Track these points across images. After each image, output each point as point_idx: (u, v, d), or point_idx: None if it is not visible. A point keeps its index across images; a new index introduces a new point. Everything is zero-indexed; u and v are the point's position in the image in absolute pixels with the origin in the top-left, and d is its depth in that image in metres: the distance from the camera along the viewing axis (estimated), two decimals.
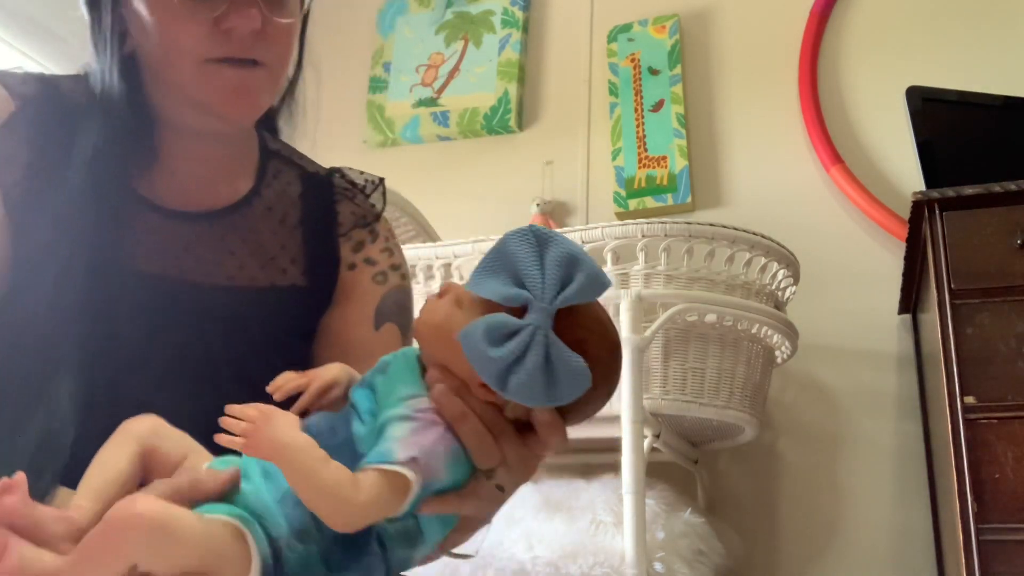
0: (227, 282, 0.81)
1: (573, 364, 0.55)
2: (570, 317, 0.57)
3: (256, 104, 0.81)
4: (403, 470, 0.54)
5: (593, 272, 0.58)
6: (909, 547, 1.75)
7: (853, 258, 1.95)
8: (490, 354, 0.54)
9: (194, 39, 0.75)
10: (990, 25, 2.01)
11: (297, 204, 0.89)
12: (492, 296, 0.56)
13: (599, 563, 1.29)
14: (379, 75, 2.46)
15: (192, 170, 0.83)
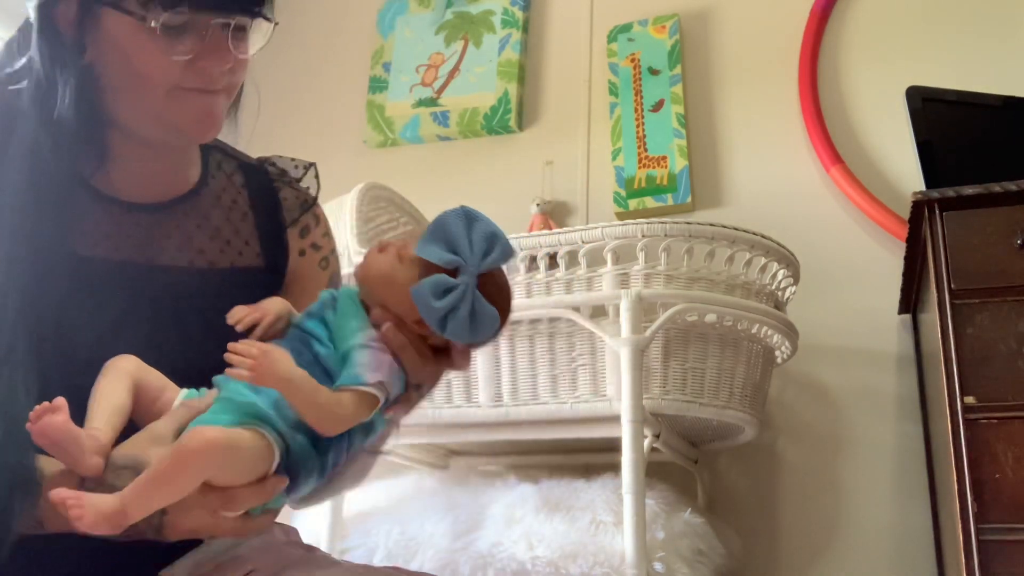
0: (190, 265, 0.87)
1: (490, 314, 0.75)
2: (487, 278, 0.76)
3: (219, 125, 0.87)
4: (374, 391, 0.72)
5: (507, 246, 0.77)
6: (909, 547, 1.75)
7: (853, 258, 1.95)
8: (434, 304, 0.72)
9: (167, 73, 0.80)
10: (990, 25, 2.01)
11: (242, 191, 0.95)
12: (434, 259, 0.73)
13: (599, 563, 1.29)
14: (379, 75, 2.46)
15: (145, 168, 0.87)
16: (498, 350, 1.51)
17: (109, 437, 0.69)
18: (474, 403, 1.52)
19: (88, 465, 0.67)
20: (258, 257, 0.93)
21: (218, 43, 0.81)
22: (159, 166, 0.88)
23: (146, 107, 0.82)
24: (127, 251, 0.84)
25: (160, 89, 0.80)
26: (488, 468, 1.87)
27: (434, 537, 1.43)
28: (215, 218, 0.91)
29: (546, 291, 1.47)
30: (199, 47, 0.80)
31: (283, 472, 0.71)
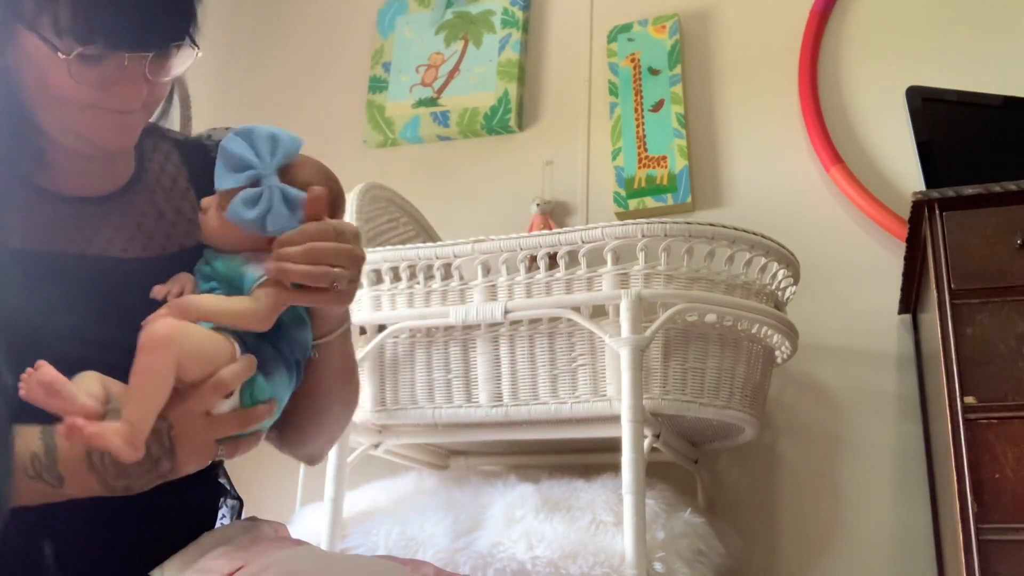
0: (142, 253, 0.89)
1: (300, 195, 0.81)
2: (291, 171, 0.84)
3: (133, 138, 0.88)
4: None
5: (289, 137, 0.85)
6: (909, 547, 1.75)
7: (853, 258, 1.95)
8: (247, 216, 0.80)
9: (80, 95, 0.80)
10: (990, 25, 2.01)
11: (181, 169, 0.97)
12: (232, 184, 0.81)
13: (599, 563, 1.29)
14: (379, 75, 2.46)
15: (79, 167, 0.88)
16: (498, 350, 1.51)
17: (99, 394, 0.74)
18: (474, 403, 1.52)
19: (84, 404, 0.71)
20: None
21: (134, 72, 0.81)
22: (93, 166, 0.89)
23: (60, 120, 0.83)
24: (69, 243, 0.85)
25: (73, 107, 0.81)
26: (488, 468, 1.87)
27: (434, 537, 1.43)
28: (157, 201, 0.93)
29: (546, 291, 1.47)
30: (114, 75, 0.80)
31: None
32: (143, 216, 0.91)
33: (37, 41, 0.78)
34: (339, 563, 0.79)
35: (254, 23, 2.65)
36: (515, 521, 1.41)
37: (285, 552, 0.77)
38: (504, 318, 1.48)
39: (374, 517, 1.54)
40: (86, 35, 0.77)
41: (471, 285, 1.52)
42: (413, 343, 1.56)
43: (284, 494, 1.95)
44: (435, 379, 1.55)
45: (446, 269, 1.54)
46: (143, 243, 0.90)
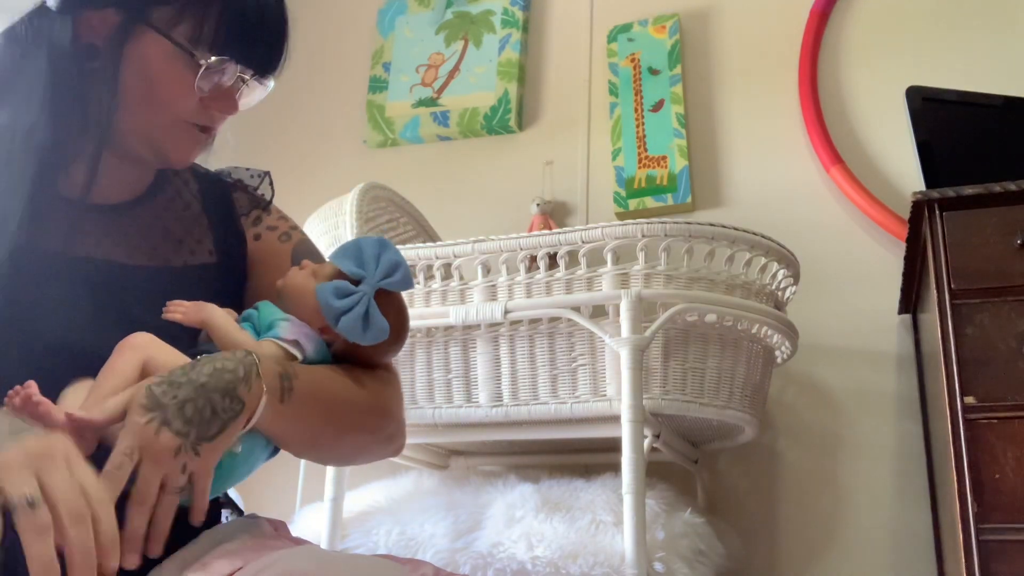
0: (147, 262, 0.91)
1: (380, 321, 0.85)
2: (385, 296, 0.87)
3: (196, 156, 0.94)
4: (288, 347, 0.84)
5: (407, 275, 0.88)
6: (909, 547, 1.75)
7: (853, 258, 1.95)
8: (334, 303, 0.83)
9: (184, 106, 0.87)
10: (990, 25, 2.01)
11: (197, 196, 1.00)
12: (342, 267, 0.86)
13: (599, 563, 1.29)
14: (379, 75, 2.46)
15: (106, 176, 0.90)
16: (498, 350, 1.51)
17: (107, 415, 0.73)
18: (474, 403, 1.52)
19: (57, 421, 0.70)
20: (211, 255, 0.97)
21: (232, 92, 0.90)
22: (116, 172, 0.92)
23: (145, 127, 0.88)
24: (74, 244, 0.87)
25: (169, 117, 0.87)
26: (488, 468, 1.87)
27: (434, 537, 1.43)
28: (168, 218, 0.96)
29: (546, 291, 1.47)
30: (219, 91, 0.88)
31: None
32: (150, 228, 0.94)
33: (165, 46, 0.85)
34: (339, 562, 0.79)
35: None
36: (515, 521, 1.41)
37: (285, 551, 0.77)
38: (504, 318, 1.48)
39: (374, 517, 1.54)
40: (223, 48, 0.86)
41: (471, 285, 1.52)
42: (413, 343, 1.56)
43: (284, 494, 1.95)
44: (435, 379, 1.55)
45: (446, 269, 1.54)
46: (148, 253, 0.92)
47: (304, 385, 0.82)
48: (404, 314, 0.92)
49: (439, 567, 0.84)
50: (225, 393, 0.74)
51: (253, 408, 0.77)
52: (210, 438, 0.72)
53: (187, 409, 0.72)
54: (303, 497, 1.76)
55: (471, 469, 1.87)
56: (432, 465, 1.85)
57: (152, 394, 0.72)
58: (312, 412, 0.83)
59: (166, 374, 0.74)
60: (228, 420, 0.74)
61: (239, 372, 0.76)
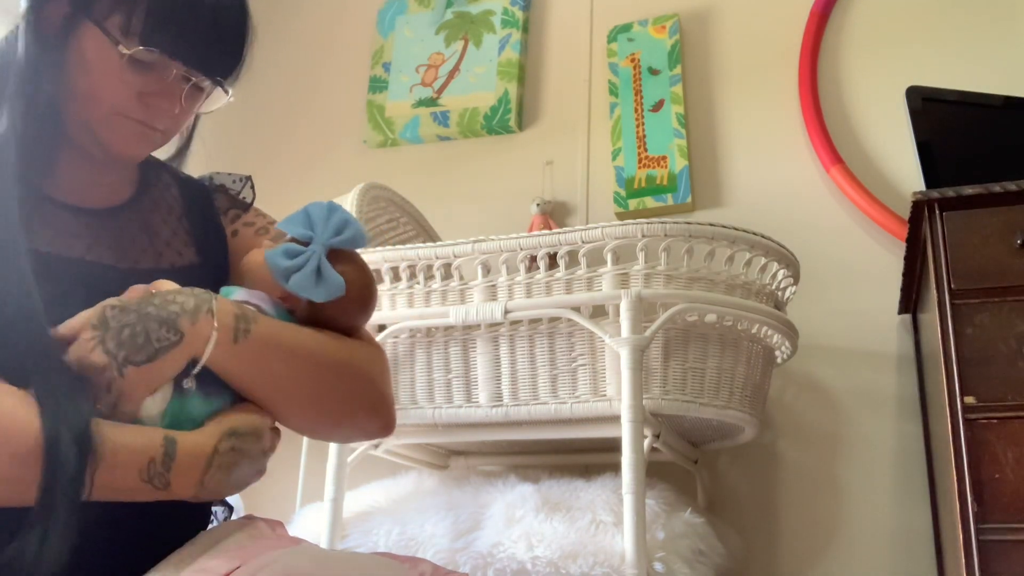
0: (135, 265, 0.92)
1: (334, 276, 0.85)
2: (339, 254, 0.87)
3: (145, 152, 0.94)
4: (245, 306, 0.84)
5: (358, 231, 0.88)
6: (909, 547, 1.75)
7: (853, 258, 1.95)
8: (282, 263, 0.84)
9: (118, 99, 0.87)
10: (990, 25, 2.01)
11: (179, 200, 1.02)
12: (290, 232, 0.87)
13: (599, 563, 1.29)
14: (379, 75, 2.46)
15: (82, 175, 0.93)
16: (498, 350, 1.51)
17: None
18: (474, 403, 1.52)
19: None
20: (196, 255, 0.99)
21: (173, 89, 0.89)
22: (98, 176, 0.94)
23: (87, 119, 0.88)
24: (66, 247, 0.88)
25: (105, 109, 0.87)
26: (488, 468, 1.87)
27: (434, 537, 1.43)
28: (153, 223, 0.97)
29: (546, 291, 1.47)
30: (155, 87, 0.88)
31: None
32: (138, 233, 0.95)
33: (100, 37, 0.85)
34: (337, 561, 0.79)
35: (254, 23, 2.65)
36: (515, 521, 1.41)
37: (282, 551, 0.77)
38: (504, 318, 1.48)
39: (374, 517, 1.54)
40: (151, 39, 0.85)
41: (471, 285, 1.52)
42: (413, 343, 1.56)
43: (284, 494, 1.95)
44: (435, 379, 1.55)
45: (446, 269, 1.54)
46: (136, 257, 0.93)
47: (263, 329, 0.83)
48: (364, 273, 0.91)
49: (437, 565, 0.84)
50: (163, 322, 0.77)
51: (197, 343, 0.79)
52: (137, 362, 0.75)
53: (124, 332, 0.75)
54: (303, 497, 1.76)
55: (471, 469, 1.87)
56: (432, 465, 1.85)
57: (103, 315, 0.76)
58: (274, 358, 0.84)
59: (127, 298, 0.78)
60: (161, 348, 0.76)
61: (188, 304, 0.79)
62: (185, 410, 0.79)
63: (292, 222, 0.88)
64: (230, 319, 0.81)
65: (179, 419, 0.78)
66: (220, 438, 0.78)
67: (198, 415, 0.80)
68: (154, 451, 0.74)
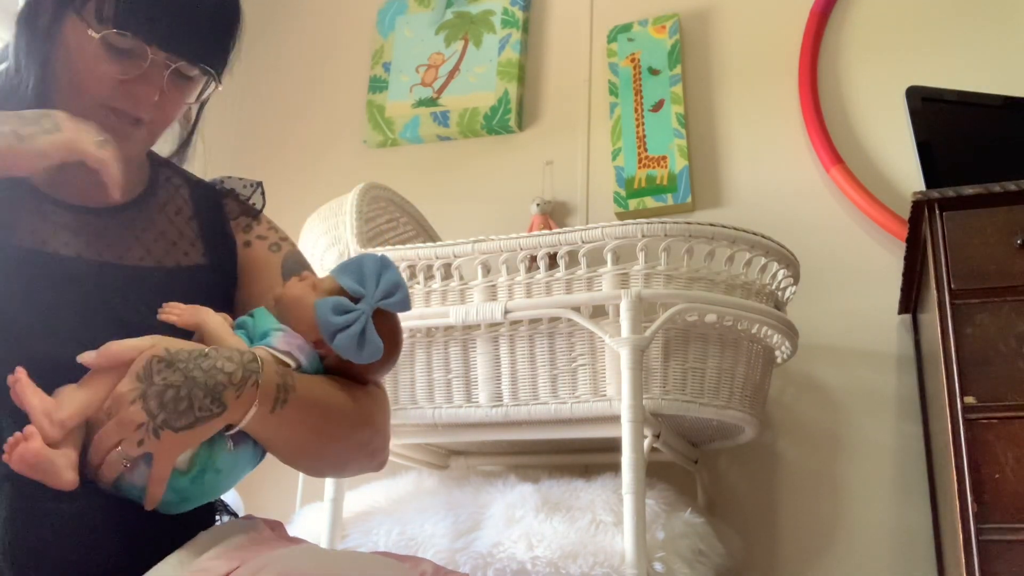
0: (139, 263, 0.92)
1: (376, 341, 0.86)
2: (382, 316, 0.88)
3: (135, 149, 0.92)
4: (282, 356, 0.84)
5: (406, 296, 0.89)
6: (909, 547, 1.75)
7: (853, 258, 1.95)
8: (331, 318, 0.84)
9: (100, 85, 0.86)
10: (990, 25, 2.01)
11: (188, 202, 1.01)
12: (343, 284, 0.87)
13: (599, 563, 1.29)
14: (379, 75, 2.46)
15: (84, 175, 0.89)
16: (498, 350, 1.51)
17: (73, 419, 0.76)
18: (474, 403, 1.52)
19: (66, 482, 0.73)
20: (203, 257, 0.98)
21: (152, 75, 0.87)
22: (95, 176, 0.92)
23: (73, 112, 0.87)
24: (64, 245, 0.88)
25: (87, 100, 0.87)
26: (488, 468, 1.87)
27: (434, 537, 1.43)
28: (160, 223, 0.97)
29: (546, 291, 1.47)
30: (133, 73, 0.86)
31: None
32: (143, 231, 0.95)
33: (79, 26, 0.85)
34: (337, 560, 0.79)
35: (254, 23, 2.64)
36: (515, 521, 1.41)
37: (282, 551, 0.77)
38: (504, 318, 1.48)
39: (374, 517, 1.54)
40: (123, 23, 0.84)
41: (471, 285, 1.52)
42: (413, 343, 1.56)
43: (284, 494, 1.95)
44: (435, 379, 1.55)
45: (446, 269, 1.54)
46: (140, 254, 0.93)
47: (300, 397, 0.83)
48: (399, 335, 0.93)
49: (438, 564, 0.84)
50: (209, 392, 0.76)
51: (237, 414, 0.78)
52: (176, 428, 0.75)
53: (167, 394, 0.75)
54: (303, 497, 1.75)
55: (471, 469, 1.87)
56: (432, 465, 1.85)
57: (149, 367, 0.75)
58: (303, 423, 0.84)
59: (176, 351, 0.77)
60: (202, 418, 0.76)
61: (236, 376, 0.77)
62: (212, 460, 0.79)
63: (346, 273, 0.88)
64: (272, 390, 0.80)
65: (205, 469, 0.79)
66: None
67: (223, 467, 0.80)
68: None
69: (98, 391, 0.77)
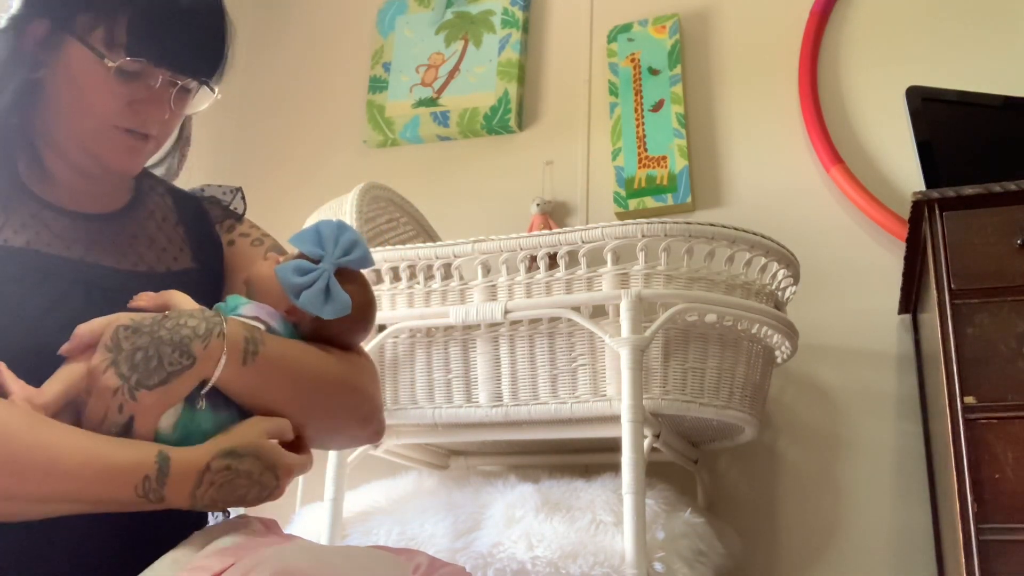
0: (133, 268, 0.95)
1: (342, 295, 0.87)
2: (347, 275, 0.90)
3: (139, 165, 0.95)
4: (251, 322, 0.86)
5: (366, 252, 0.91)
6: (909, 547, 1.75)
7: (853, 258, 1.95)
8: (293, 280, 0.86)
9: (109, 110, 0.89)
10: (990, 25, 2.01)
11: (173, 209, 1.04)
12: (301, 248, 0.89)
13: (599, 563, 1.29)
14: (379, 75, 2.46)
15: (78, 184, 0.95)
16: (498, 350, 1.51)
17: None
18: (474, 403, 1.52)
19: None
20: (191, 261, 1.01)
21: (161, 95, 0.91)
22: (90, 186, 0.96)
23: (78, 134, 0.90)
24: (67, 249, 0.90)
25: (97, 122, 0.89)
26: (488, 468, 1.87)
27: (434, 537, 1.43)
28: (150, 229, 1.00)
29: (546, 291, 1.47)
30: (144, 94, 0.90)
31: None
32: (134, 238, 0.97)
33: (84, 52, 0.87)
34: (331, 555, 0.79)
35: (254, 23, 2.65)
36: (515, 521, 1.41)
37: (276, 548, 0.77)
38: (504, 318, 1.48)
39: (374, 517, 1.54)
40: (135, 50, 0.87)
41: (471, 285, 1.52)
42: (413, 343, 1.56)
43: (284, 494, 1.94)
44: (435, 379, 1.55)
45: (446, 269, 1.54)
46: (134, 260, 0.95)
47: (271, 351, 0.85)
48: (367, 292, 0.94)
49: (433, 556, 0.84)
50: (176, 346, 0.78)
51: (208, 366, 0.80)
52: (150, 386, 0.77)
53: (136, 356, 0.77)
54: (303, 497, 1.75)
55: (471, 469, 1.87)
56: (432, 465, 1.85)
57: (116, 335, 0.78)
58: (279, 378, 0.86)
59: (140, 318, 0.79)
60: (174, 372, 0.78)
61: (199, 328, 0.80)
62: (195, 423, 0.80)
63: (303, 239, 0.90)
64: (240, 342, 0.82)
65: (190, 432, 0.80)
66: (214, 456, 0.79)
67: (208, 428, 0.81)
68: (148, 468, 0.76)
69: (74, 372, 0.78)
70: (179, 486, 0.77)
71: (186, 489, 0.77)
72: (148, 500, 0.76)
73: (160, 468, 0.76)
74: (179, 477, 0.77)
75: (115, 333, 0.78)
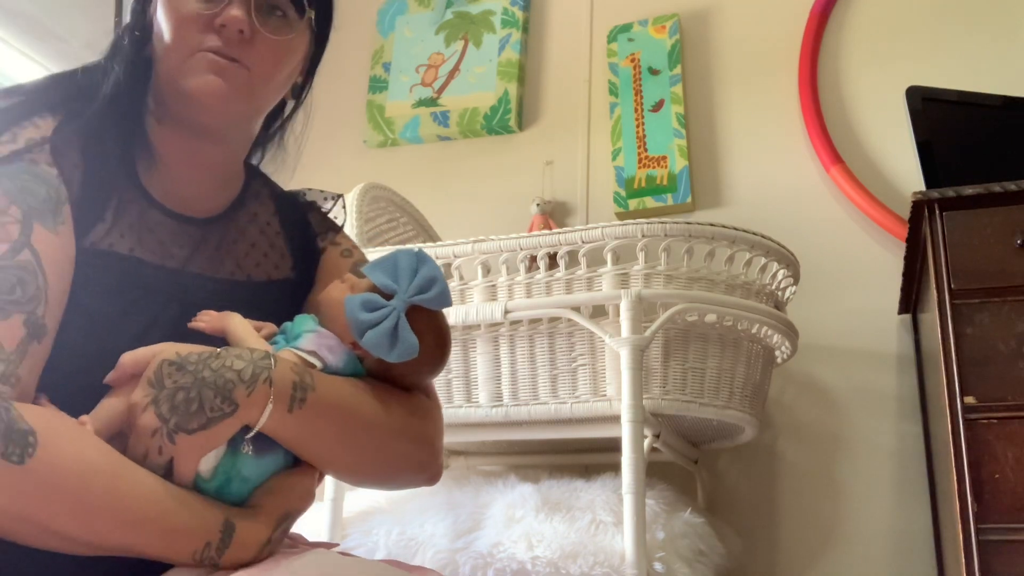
0: (230, 276, 0.92)
1: (410, 339, 0.80)
2: (419, 313, 0.82)
3: (228, 96, 0.88)
4: (307, 356, 0.81)
5: (444, 291, 0.83)
6: (909, 547, 1.75)
7: (853, 258, 1.95)
8: (360, 316, 0.80)
9: (191, 34, 0.86)
10: (990, 25, 2.01)
11: (275, 215, 1.02)
12: (374, 281, 0.83)
13: (599, 563, 1.29)
14: (379, 75, 2.46)
15: (188, 175, 0.92)
16: (498, 350, 1.51)
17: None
18: (474, 403, 1.52)
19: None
20: (292, 271, 0.98)
21: (240, 8, 0.86)
22: (200, 176, 0.93)
23: (172, 74, 0.87)
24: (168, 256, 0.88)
25: (184, 50, 0.86)
26: (488, 468, 1.87)
27: (434, 537, 1.43)
28: (251, 235, 0.97)
29: (546, 291, 1.47)
30: (221, 6, 0.86)
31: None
32: (234, 243, 0.95)
33: None
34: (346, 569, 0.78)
35: None
36: (515, 521, 1.41)
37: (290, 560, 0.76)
38: (504, 318, 1.48)
39: (374, 517, 1.54)
40: None
41: (471, 285, 1.52)
42: None
43: None
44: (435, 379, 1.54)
45: (446, 269, 1.54)
46: (232, 268, 0.93)
47: (321, 397, 0.80)
48: (442, 334, 0.87)
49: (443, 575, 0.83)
50: (219, 391, 0.73)
51: (251, 412, 0.75)
52: (189, 430, 0.72)
53: (178, 396, 0.73)
54: None
55: (471, 469, 1.87)
56: None
57: (160, 371, 0.74)
58: (327, 426, 0.81)
59: (187, 353, 0.75)
60: (215, 418, 0.73)
61: (245, 373, 0.75)
62: (236, 469, 0.76)
63: (377, 269, 0.84)
64: (287, 388, 0.77)
65: (230, 478, 0.76)
66: (276, 525, 0.76)
67: (249, 475, 0.77)
68: (212, 535, 0.73)
69: (118, 404, 0.75)
70: (237, 556, 0.74)
71: (243, 559, 0.74)
72: (201, 564, 0.72)
73: (223, 539, 0.73)
74: (240, 548, 0.74)
75: (159, 368, 0.74)
